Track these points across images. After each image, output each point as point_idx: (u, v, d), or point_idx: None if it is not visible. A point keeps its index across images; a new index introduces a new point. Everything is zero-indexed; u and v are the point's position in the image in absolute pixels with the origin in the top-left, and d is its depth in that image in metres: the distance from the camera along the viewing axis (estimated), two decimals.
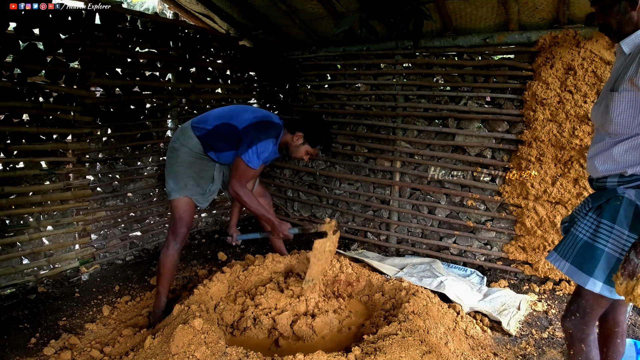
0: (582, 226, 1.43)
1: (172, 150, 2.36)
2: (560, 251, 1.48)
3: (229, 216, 4.23)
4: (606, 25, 1.40)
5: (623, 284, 1.21)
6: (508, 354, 2.18)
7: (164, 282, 2.35)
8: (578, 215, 1.49)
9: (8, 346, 2.14)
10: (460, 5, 2.74)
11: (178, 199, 2.31)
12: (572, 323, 1.49)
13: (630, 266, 1.19)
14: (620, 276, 1.21)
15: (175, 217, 2.32)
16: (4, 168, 2.61)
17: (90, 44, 2.81)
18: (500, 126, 2.95)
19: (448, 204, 3.23)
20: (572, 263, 1.41)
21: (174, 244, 2.32)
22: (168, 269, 2.33)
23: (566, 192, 2.68)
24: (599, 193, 1.44)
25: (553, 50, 2.60)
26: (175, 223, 2.32)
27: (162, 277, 2.34)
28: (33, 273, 2.79)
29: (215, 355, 1.83)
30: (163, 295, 2.35)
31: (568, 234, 1.49)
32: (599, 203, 1.40)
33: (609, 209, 1.36)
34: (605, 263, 1.33)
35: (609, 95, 1.36)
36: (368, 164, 3.55)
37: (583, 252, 1.38)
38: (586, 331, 1.47)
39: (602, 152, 1.40)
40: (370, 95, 3.47)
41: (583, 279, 1.36)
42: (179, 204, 2.31)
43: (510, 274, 3.06)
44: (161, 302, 2.35)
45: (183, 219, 2.32)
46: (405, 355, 1.77)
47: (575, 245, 1.42)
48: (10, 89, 2.52)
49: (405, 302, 2.22)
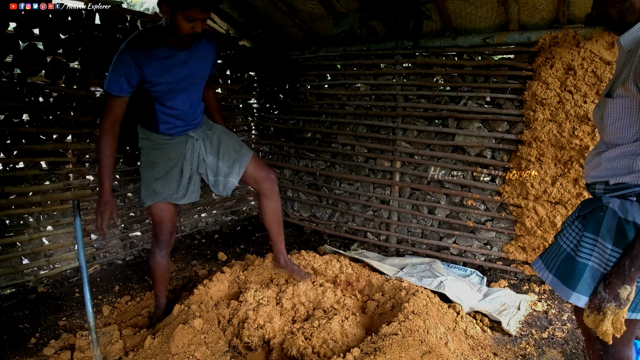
0: (567, 235, 1.35)
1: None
2: (545, 259, 1.41)
3: (229, 216, 4.26)
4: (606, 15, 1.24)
5: (590, 316, 1.16)
6: (508, 354, 2.18)
7: (159, 286, 2.31)
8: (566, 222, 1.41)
9: (8, 346, 2.14)
10: (460, 5, 2.74)
11: (152, 206, 2.12)
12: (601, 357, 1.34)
13: (597, 300, 1.14)
14: (587, 309, 1.16)
15: (154, 223, 2.17)
16: (4, 168, 2.61)
17: (90, 44, 2.81)
18: (500, 126, 2.95)
19: (448, 204, 3.23)
20: (555, 275, 1.33)
21: (158, 251, 2.19)
22: (160, 275, 2.26)
23: (566, 192, 2.68)
24: (588, 200, 1.36)
25: (553, 50, 2.60)
26: (155, 229, 2.18)
27: (155, 282, 2.30)
28: (33, 273, 2.79)
29: (215, 355, 1.83)
30: (161, 297, 2.34)
31: (554, 242, 1.42)
32: (584, 212, 1.32)
33: (592, 220, 1.27)
34: (590, 277, 1.23)
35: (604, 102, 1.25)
36: (368, 164, 3.55)
37: (566, 265, 1.30)
38: (621, 351, 1.30)
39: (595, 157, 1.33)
40: (370, 95, 3.47)
41: (566, 292, 1.27)
42: (154, 210, 2.13)
43: (510, 274, 3.06)
44: (160, 303, 2.34)
45: (162, 224, 2.15)
46: (405, 355, 1.77)
47: (559, 255, 1.34)
48: (10, 89, 2.52)
49: (405, 302, 2.22)
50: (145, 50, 1.86)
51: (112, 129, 1.92)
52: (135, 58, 1.84)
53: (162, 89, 1.95)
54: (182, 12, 1.75)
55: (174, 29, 1.82)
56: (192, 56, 2.00)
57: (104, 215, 1.93)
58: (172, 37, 1.89)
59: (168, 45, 1.91)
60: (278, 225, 2.41)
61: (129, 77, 1.85)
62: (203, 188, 3.85)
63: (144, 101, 1.99)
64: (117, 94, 1.87)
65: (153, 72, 1.89)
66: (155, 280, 2.30)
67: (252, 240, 3.76)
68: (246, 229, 4.07)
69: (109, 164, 1.92)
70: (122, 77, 1.84)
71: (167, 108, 2.02)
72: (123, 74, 1.84)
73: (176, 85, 1.98)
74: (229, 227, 4.07)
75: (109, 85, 1.86)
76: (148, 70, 1.88)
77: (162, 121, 2.04)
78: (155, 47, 1.88)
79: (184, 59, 1.97)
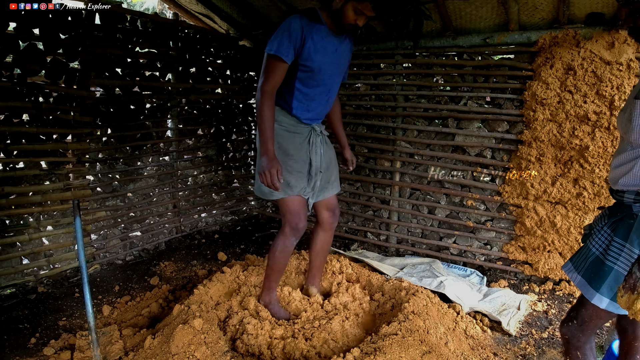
0: (597, 240, 1.41)
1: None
2: (574, 262, 1.47)
3: (229, 216, 4.26)
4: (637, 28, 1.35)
5: (624, 296, 1.19)
6: (508, 354, 2.18)
7: (278, 278, 2.22)
8: (595, 228, 1.47)
9: (8, 346, 2.14)
10: (460, 5, 2.74)
11: (286, 198, 2.06)
12: (568, 329, 1.49)
13: (632, 279, 1.18)
14: (622, 289, 1.20)
15: (289, 213, 2.08)
16: (4, 168, 2.61)
17: (90, 44, 2.81)
18: (500, 126, 2.95)
19: (448, 204, 3.23)
20: (583, 276, 1.40)
21: (293, 240, 2.11)
22: (284, 265, 2.19)
23: (566, 192, 2.68)
24: (616, 207, 1.41)
25: (553, 50, 2.60)
26: (292, 219, 2.08)
27: (277, 274, 2.20)
28: (33, 273, 2.79)
29: (215, 355, 1.83)
30: (274, 289, 2.25)
31: (584, 246, 1.48)
32: (614, 219, 1.38)
33: (622, 227, 1.33)
34: (613, 280, 1.31)
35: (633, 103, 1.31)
36: (368, 164, 3.55)
37: (593, 267, 1.37)
38: (582, 339, 1.47)
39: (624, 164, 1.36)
40: (370, 95, 3.47)
41: (590, 293, 1.36)
42: (289, 202, 2.06)
43: (510, 274, 3.06)
44: (275, 296, 2.27)
45: (300, 212, 2.08)
46: (405, 355, 1.77)
47: (588, 258, 1.41)
48: (10, 89, 2.52)
49: (405, 302, 2.22)
50: (310, 23, 1.92)
51: (273, 92, 1.92)
52: (304, 26, 1.89)
53: (313, 67, 1.96)
54: (354, 3, 1.85)
55: (339, 14, 1.91)
56: (341, 46, 2.05)
57: (274, 172, 1.85)
58: (331, 21, 1.97)
59: (327, 26, 1.98)
60: (323, 259, 2.45)
61: (296, 44, 1.88)
62: (203, 187, 3.88)
63: (285, 78, 1.97)
64: (284, 57, 1.87)
65: (313, 47, 1.92)
66: (278, 272, 2.20)
67: (252, 240, 3.76)
68: (246, 229, 4.07)
69: (270, 126, 1.89)
70: (291, 43, 1.87)
71: (308, 89, 2.03)
72: (293, 40, 1.87)
73: (325, 67, 2.00)
74: (229, 227, 4.07)
75: (278, 48, 1.86)
76: (308, 43, 1.91)
77: (298, 100, 2.03)
78: (317, 23, 1.95)
79: (336, 46, 2.02)
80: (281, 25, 1.89)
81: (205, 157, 3.92)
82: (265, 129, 1.88)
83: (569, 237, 2.73)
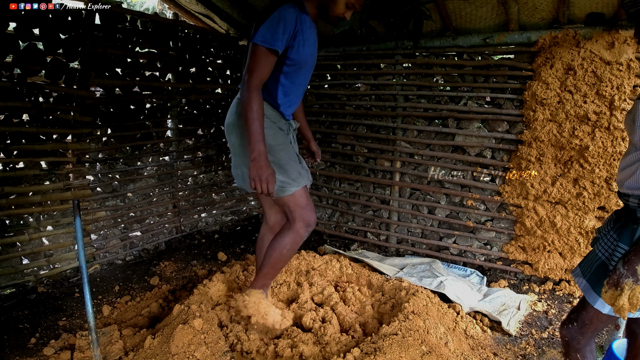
0: (603, 245, 1.41)
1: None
2: (582, 267, 1.47)
3: (229, 216, 4.26)
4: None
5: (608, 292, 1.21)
6: (508, 354, 2.18)
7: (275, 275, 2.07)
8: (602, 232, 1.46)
9: (8, 346, 2.14)
10: (460, 5, 2.74)
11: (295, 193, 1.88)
12: (568, 331, 1.48)
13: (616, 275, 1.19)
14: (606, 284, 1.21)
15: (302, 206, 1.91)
16: (4, 168, 2.61)
17: (90, 44, 2.81)
18: (500, 126, 2.95)
19: (448, 204, 3.23)
20: (588, 281, 1.40)
21: (306, 234, 1.95)
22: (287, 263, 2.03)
23: (566, 192, 2.68)
24: (623, 211, 1.41)
25: (553, 51, 2.60)
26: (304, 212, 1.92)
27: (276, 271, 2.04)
28: (33, 273, 2.79)
29: (215, 355, 1.83)
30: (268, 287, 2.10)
31: (591, 251, 1.47)
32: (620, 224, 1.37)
33: (627, 232, 1.32)
34: None
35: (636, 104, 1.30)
36: (368, 164, 3.55)
37: (598, 272, 1.37)
38: (582, 341, 1.46)
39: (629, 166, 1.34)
40: (370, 95, 3.47)
41: (593, 297, 1.36)
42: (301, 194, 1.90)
43: (510, 274, 3.06)
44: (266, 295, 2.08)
45: (310, 203, 1.95)
46: (405, 355, 1.77)
47: (594, 263, 1.41)
48: (10, 89, 2.52)
49: (405, 302, 2.22)
50: (300, 14, 1.78)
51: (259, 87, 1.74)
52: (297, 17, 1.75)
53: (300, 60, 1.83)
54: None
55: (328, 6, 1.81)
56: (316, 36, 1.93)
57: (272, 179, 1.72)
58: (317, 11, 1.86)
59: (311, 17, 1.86)
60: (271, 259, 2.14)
61: (288, 36, 1.73)
62: (203, 187, 3.88)
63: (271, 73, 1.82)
64: (277, 48, 1.70)
65: (301, 39, 1.79)
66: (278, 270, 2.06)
67: (252, 240, 3.76)
68: (246, 229, 4.07)
69: (261, 124, 1.70)
70: (285, 35, 1.71)
71: (292, 84, 1.90)
72: (287, 32, 1.71)
73: (310, 60, 1.90)
74: (229, 227, 4.07)
75: (270, 40, 1.68)
76: (299, 36, 1.77)
77: (284, 95, 1.90)
78: (304, 14, 1.81)
79: (315, 36, 1.91)
80: (273, 14, 1.70)
81: (205, 157, 3.93)
82: (255, 128, 1.68)
83: (568, 237, 2.73)
